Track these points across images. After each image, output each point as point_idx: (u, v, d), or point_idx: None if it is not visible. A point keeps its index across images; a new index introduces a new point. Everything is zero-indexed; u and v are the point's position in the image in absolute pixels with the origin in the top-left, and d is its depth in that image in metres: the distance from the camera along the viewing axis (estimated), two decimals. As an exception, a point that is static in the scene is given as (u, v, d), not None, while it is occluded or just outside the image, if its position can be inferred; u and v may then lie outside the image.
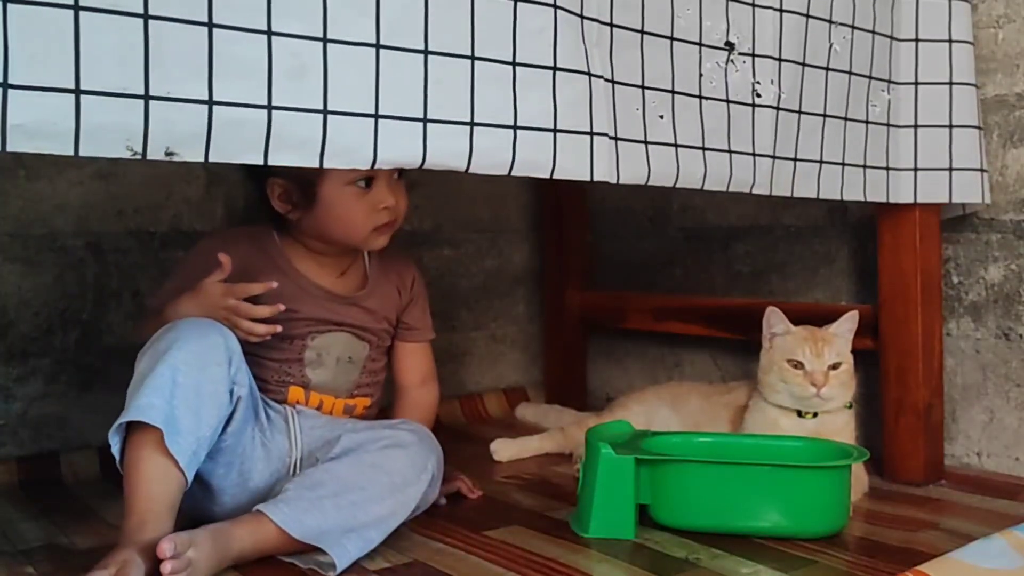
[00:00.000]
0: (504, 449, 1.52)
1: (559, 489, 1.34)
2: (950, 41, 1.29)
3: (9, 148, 0.61)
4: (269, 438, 1.14)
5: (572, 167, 0.88)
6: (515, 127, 0.84)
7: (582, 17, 0.89)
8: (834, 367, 1.25)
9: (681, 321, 1.71)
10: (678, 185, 1.01)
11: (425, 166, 0.80)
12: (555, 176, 0.87)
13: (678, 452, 1.18)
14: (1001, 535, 0.96)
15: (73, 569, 1.02)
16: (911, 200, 1.29)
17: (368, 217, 1.18)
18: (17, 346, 1.45)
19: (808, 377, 1.24)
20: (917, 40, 1.28)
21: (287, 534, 0.98)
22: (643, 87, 0.97)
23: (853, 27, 1.18)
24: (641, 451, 1.12)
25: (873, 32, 1.22)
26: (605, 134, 0.90)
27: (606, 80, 0.92)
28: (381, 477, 1.06)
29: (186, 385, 0.99)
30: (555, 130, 0.86)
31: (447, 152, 0.80)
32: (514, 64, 0.84)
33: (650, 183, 0.98)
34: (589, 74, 0.89)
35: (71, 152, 0.63)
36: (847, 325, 1.28)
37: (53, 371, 1.48)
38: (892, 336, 1.36)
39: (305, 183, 1.15)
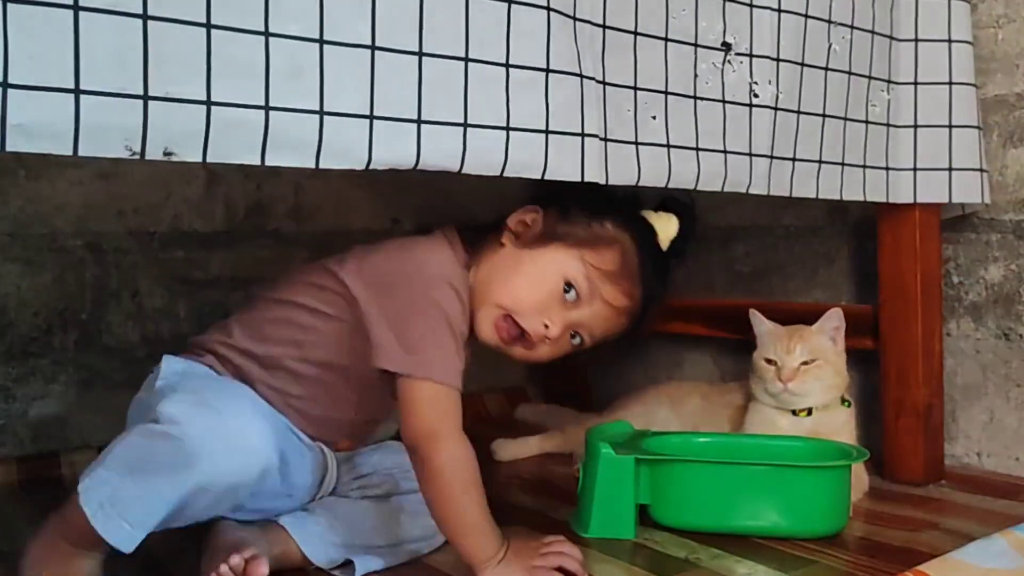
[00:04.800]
0: (504, 449, 1.52)
1: (559, 489, 1.34)
2: (949, 41, 1.29)
3: (8, 148, 0.61)
4: (294, 483, 1.06)
5: (563, 168, 0.89)
6: (507, 128, 0.84)
7: (575, 19, 0.89)
8: (808, 364, 1.25)
9: (681, 321, 1.71)
10: (670, 185, 1.01)
11: (419, 167, 0.80)
12: (546, 177, 0.88)
13: (678, 452, 1.18)
14: (1001, 535, 0.96)
15: (73, 569, 1.02)
16: (911, 200, 1.28)
17: (548, 303, 1.02)
18: (17, 346, 1.45)
19: (778, 372, 1.25)
20: (916, 40, 1.28)
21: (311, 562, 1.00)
22: (635, 88, 0.97)
23: (852, 27, 1.18)
24: (641, 451, 1.12)
25: (872, 32, 1.22)
26: (596, 135, 0.91)
27: (597, 81, 0.92)
28: (415, 531, 1.04)
29: (192, 512, 0.90)
30: (547, 131, 0.87)
31: (441, 153, 0.81)
32: (507, 66, 0.84)
33: (641, 183, 0.98)
34: (581, 76, 0.89)
35: (70, 152, 0.63)
36: (830, 323, 1.29)
37: (52, 371, 1.48)
38: (892, 336, 1.36)
39: (545, 230, 1.04)
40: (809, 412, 1.28)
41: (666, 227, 1.09)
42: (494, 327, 1.02)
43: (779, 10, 1.09)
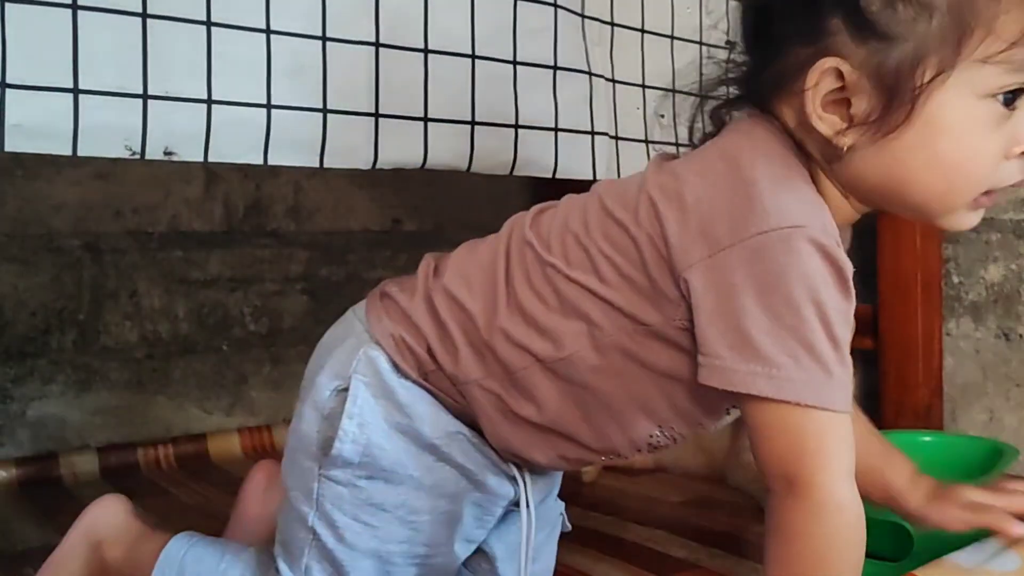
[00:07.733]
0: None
1: (560, 489, 1.33)
2: None
3: (7, 148, 0.61)
4: None
5: (574, 167, 0.89)
6: (516, 126, 0.84)
7: (583, 16, 0.89)
8: None
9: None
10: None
11: (427, 166, 0.79)
12: (557, 176, 0.87)
13: None
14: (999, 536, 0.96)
15: (71, 570, 1.02)
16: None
17: (997, 164, 0.63)
18: (15, 346, 1.44)
19: None
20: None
21: None
22: (643, 86, 0.97)
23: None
24: None
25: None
26: (605, 133, 0.91)
27: (607, 79, 0.92)
28: None
29: None
30: (556, 129, 0.86)
31: (448, 152, 0.80)
32: (515, 63, 0.84)
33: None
34: (590, 73, 0.89)
35: (69, 152, 0.63)
36: None
37: (50, 371, 1.47)
38: (892, 336, 1.36)
39: (896, 75, 0.60)
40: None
41: None
42: None
43: None
